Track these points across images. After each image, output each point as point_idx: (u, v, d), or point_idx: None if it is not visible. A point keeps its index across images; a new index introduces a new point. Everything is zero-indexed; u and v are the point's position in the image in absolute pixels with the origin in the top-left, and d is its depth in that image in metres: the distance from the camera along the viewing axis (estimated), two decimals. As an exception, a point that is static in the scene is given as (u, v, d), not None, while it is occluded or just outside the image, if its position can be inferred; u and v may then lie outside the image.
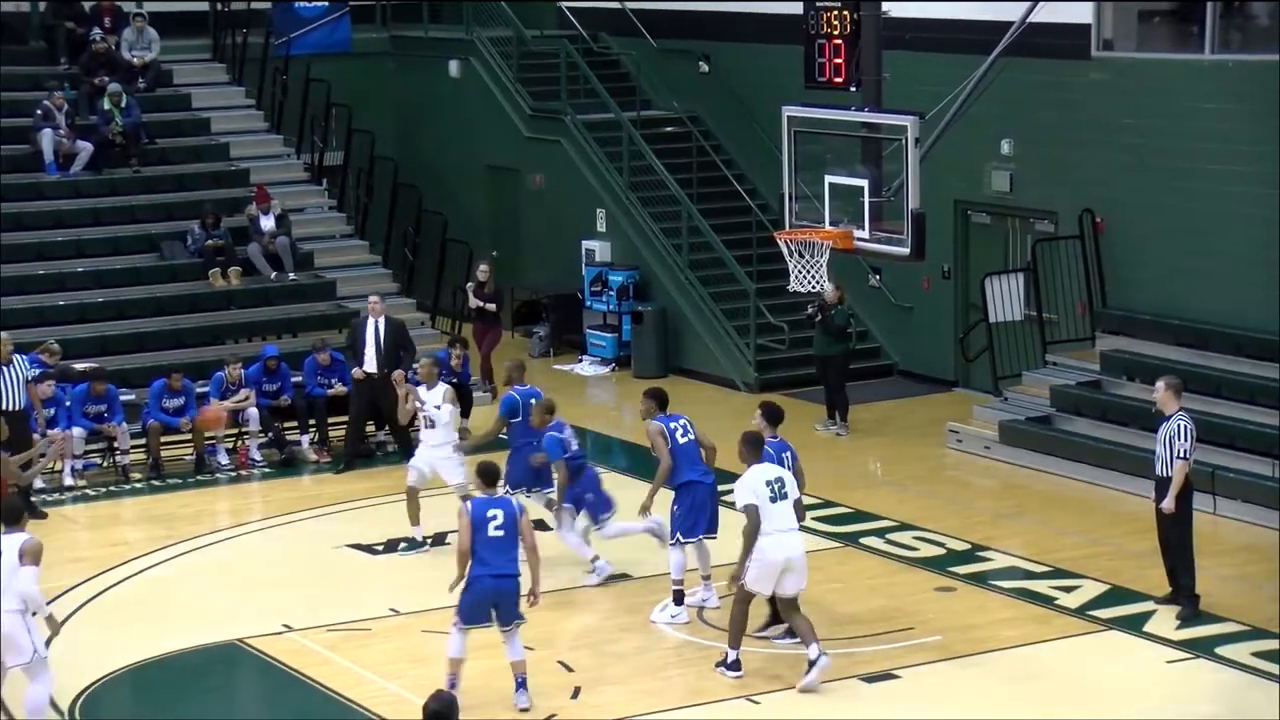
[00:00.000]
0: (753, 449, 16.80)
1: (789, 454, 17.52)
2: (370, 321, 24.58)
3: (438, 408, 21.11)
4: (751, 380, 28.57)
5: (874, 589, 19.51)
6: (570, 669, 17.30)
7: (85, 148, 29.82)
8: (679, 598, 18.43)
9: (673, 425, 18.47)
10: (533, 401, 19.89)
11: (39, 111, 29.82)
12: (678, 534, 18.30)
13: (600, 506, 19.60)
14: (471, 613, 16.10)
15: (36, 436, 22.56)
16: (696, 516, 18.20)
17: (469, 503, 16.28)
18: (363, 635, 18.33)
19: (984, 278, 26.23)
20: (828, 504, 22.28)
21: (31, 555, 15.10)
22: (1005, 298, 26.01)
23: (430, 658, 17.26)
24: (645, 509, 18.61)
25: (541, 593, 16.46)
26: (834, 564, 20.29)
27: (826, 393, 26.26)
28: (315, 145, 32.05)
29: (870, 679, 16.98)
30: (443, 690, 10.57)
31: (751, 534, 16.41)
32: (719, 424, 18.61)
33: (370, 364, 24.41)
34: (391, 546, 21.18)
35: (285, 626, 18.46)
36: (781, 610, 16.99)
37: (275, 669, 17.58)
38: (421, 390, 21.33)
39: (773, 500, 16.47)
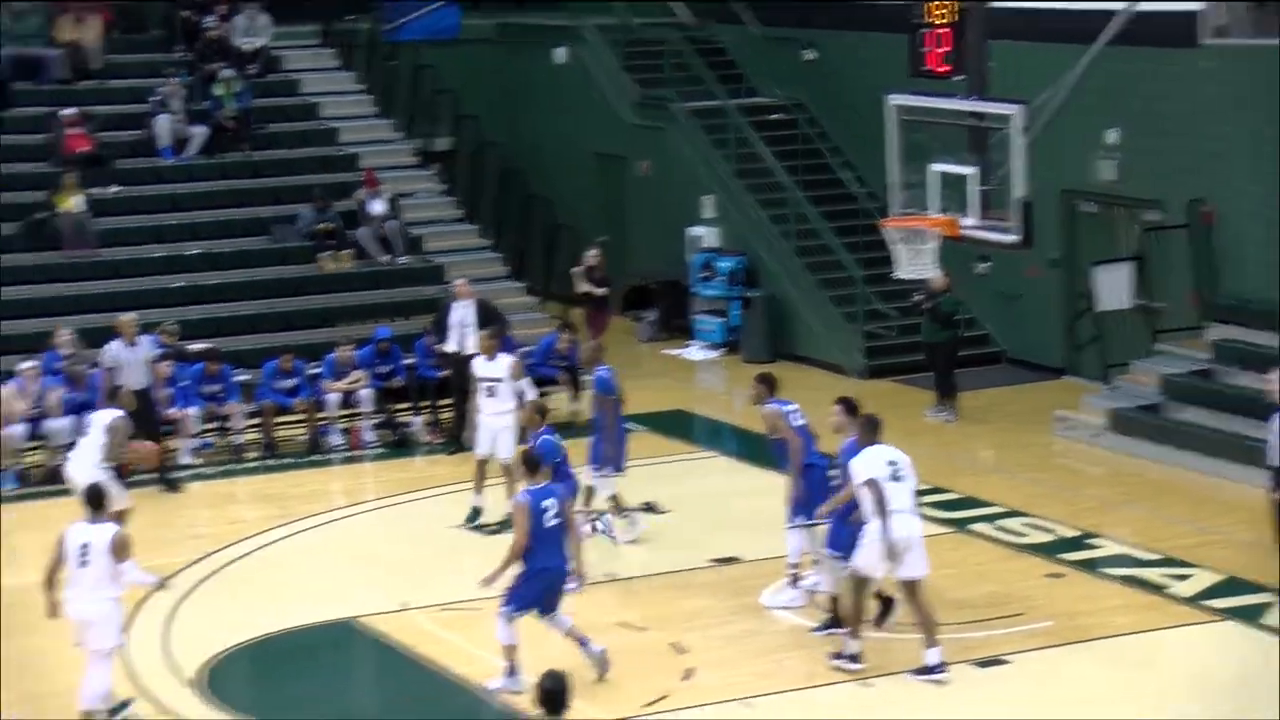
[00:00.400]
0: (870, 431, 16.78)
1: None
2: (459, 304, 24.82)
3: (499, 380, 21.16)
4: (860, 366, 28.60)
5: (984, 574, 19.52)
6: (682, 650, 17.34)
7: (199, 132, 30.18)
8: (795, 581, 18.43)
9: (787, 409, 18.35)
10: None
11: (155, 97, 30.24)
12: (800, 517, 18.17)
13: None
14: (531, 601, 16.21)
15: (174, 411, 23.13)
16: (819, 498, 17.98)
17: (526, 494, 16.20)
18: (475, 615, 18.30)
19: (1092, 266, 26.18)
20: (937, 490, 22.25)
21: (125, 550, 15.37)
22: (1114, 286, 25.93)
23: (542, 637, 17.33)
24: (797, 492, 18.11)
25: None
26: (945, 550, 20.17)
27: (935, 379, 26.30)
28: (424, 131, 32.26)
29: (981, 664, 16.97)
30: (556, 670, 10.65)
31: (875, 509, 16.32)
32: (827, 411, 18.59)
33: (457, 345, 24.62)
34: (505, 527, 21.27)
35: (400, 605, 18.64)
36: (906, 595, 16.76)
37: (388, 647, 17.76)
38: (482, 361, 21.45)
39: (891, 480, 16.40)
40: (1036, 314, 28.33)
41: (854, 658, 16.72)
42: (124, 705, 15.67)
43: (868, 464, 16.45)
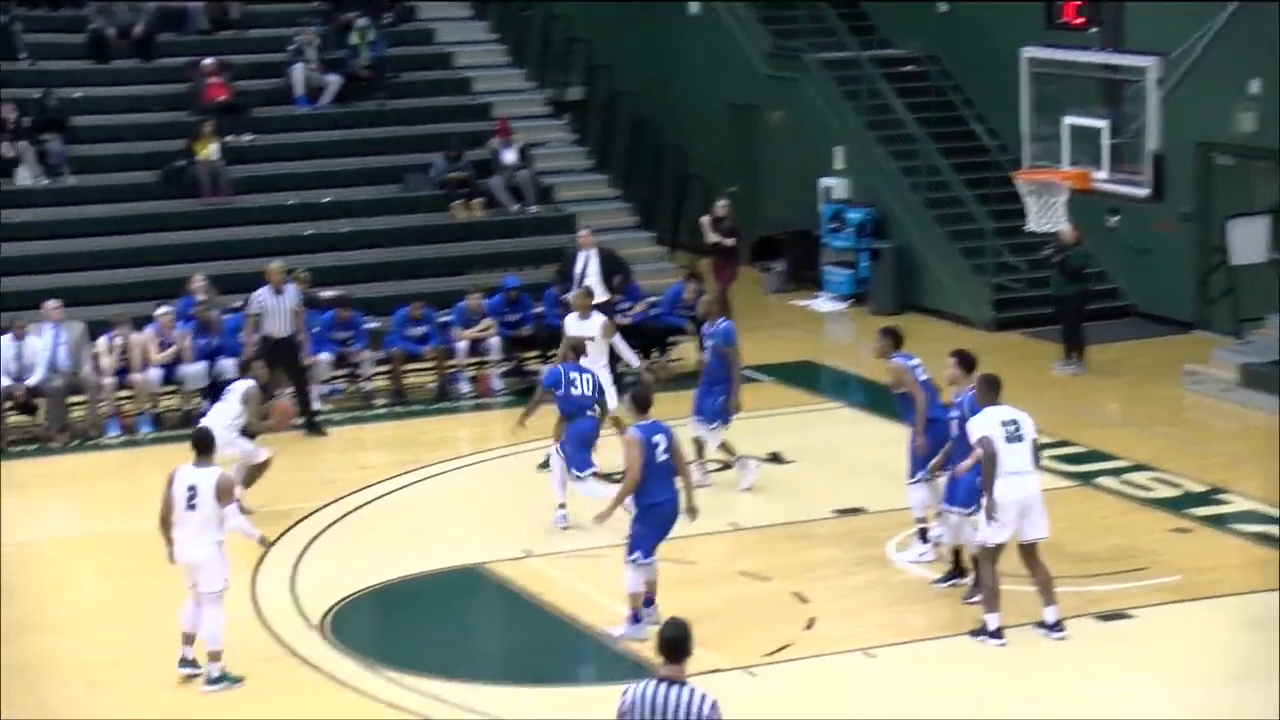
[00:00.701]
0: (990, 390, 16.53)
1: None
2: (582, 254, 24.92)
3: (591, 338, 21.06)
4: (989, 318, 28.51)
5: (1109, 528, 19.40)
6: (805, 600, 17.38)
7: (333, 81, 30.46)
8: (923, 535, 18.34)
9: (912, 363, 18.25)
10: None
11: (291, 47, 30.56)
12: (921, 471, 18.06)
13: (576, 461, 19.42)
14: (655, 540, 16.26)
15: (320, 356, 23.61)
16: (937, 454, 17.82)
17: (636, 430, 16.19)
18: (600, 562, 18.50)
19: (1227, 220, 25.91)
20: (1064, 443, 22.19)
21: (229, 493, 15.49)
22: (1249, 240, 25.67)
23: (666, 584, 17.44)
24: (921, 443, 17.99)
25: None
26: (1070, 503, 20.16)
27: (1063, 332, 26.18)
28: (557, 80, 32.38)
29: (1103, 617, 16.86)
30: (677, 617, 10.65)
31: (990, 464, 16.11)
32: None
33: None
34: (628, 475, 21.48)
35: (524, 552, 18.80)
36: (1023, 555, 16.47)
37: (513, 593, 17.91)
38: (575, 319, 21.46)
39: (1008, 441, 16.15)
40: (1168, 267, 28.12)
41: (996, 633, 16.38)
42: (233, 679, 15.75)
43: (983, 424, 16.24)
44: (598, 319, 21.48)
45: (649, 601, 16.57)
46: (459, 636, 17.47)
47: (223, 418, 19.42)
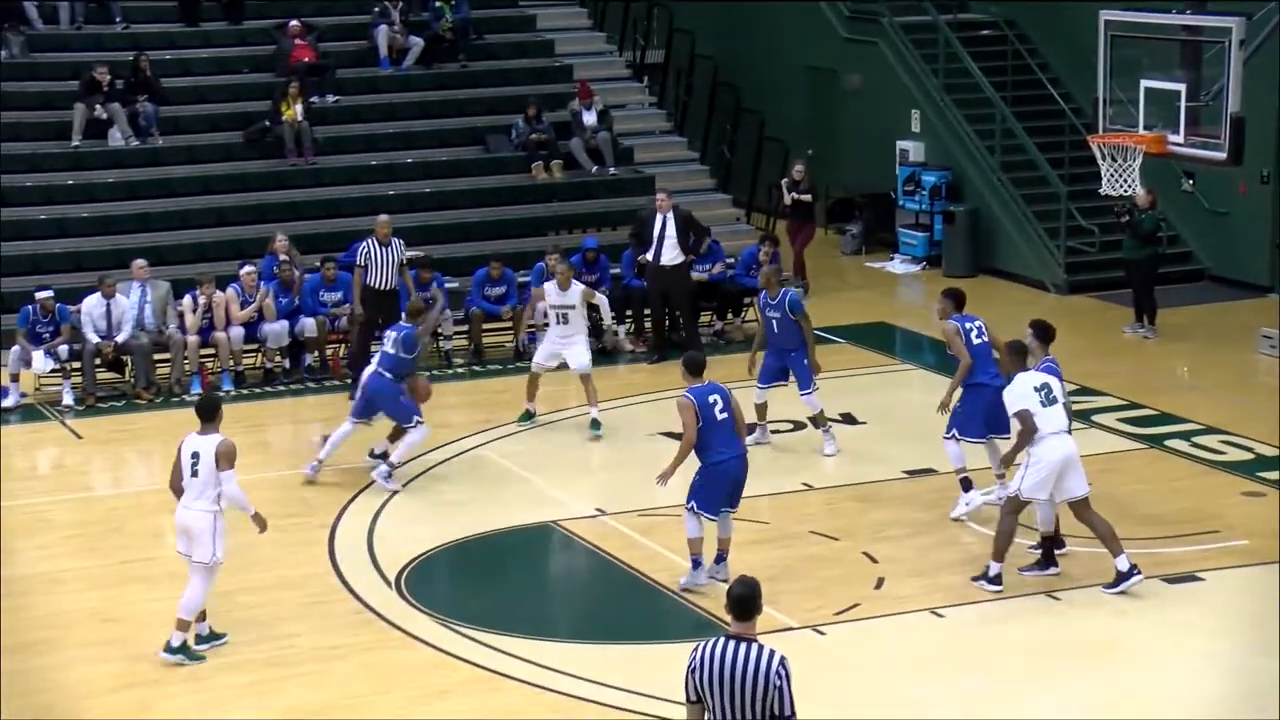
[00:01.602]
0: (1016, 358, 16.76)
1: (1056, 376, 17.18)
2: (659, 216, 25.14)
3: (572, 307, 21.87)
4: (1061, 282, 28.61)
5: (1179, 491, 19.47)
6: (874, 560, 17.56)
7: (416, 43, 30.73)
8: (966, 484, 18.63)
9: (968, 325, 18.50)
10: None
11: (376, 9, 30.83)
12: (954, 430, 18.46)
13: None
14: (716, 500, 16.51)
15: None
16: (984, 417, 18.21)
17: (689, 393, 16.41)
18: (673, 521, 18.52)
19: (1307, 184, 25.92)
20: (1134, 406, 22.32)
21: (227, 459, 15.22)
22: (1327, 203, 25.64)
23: (738, 544, 17.59)
24: (945, 405, 18.65)
25: None
26: (1139, 465, 20.34)
27: (1135, 296, 26.22)
28: (637, 43, 32.59)
29: (1172, 580, 16.96)
30: (747, 575, 10.78)
31: (1027, 436, 16.46)
32: (1026, 326, 18.64)
33: (661, 256, 24.97)
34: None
35: (598, 510, 19.05)
36: (1077, 514, 16.75)
37: (588, 550, 18.17)
38: (553, 289, 22.01)
39: (1043, 405, 16.40)
40: (1244, 231, 28.11)
41: (995, 579, 16.74)
42: (216, 638, 15.83)
43: (1019, 392, 16.50)
44: (577, 288, 22.17)
45: (720, 558, 16.84)
46: (533, 594, 17.70)
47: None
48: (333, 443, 20.15)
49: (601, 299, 23.24)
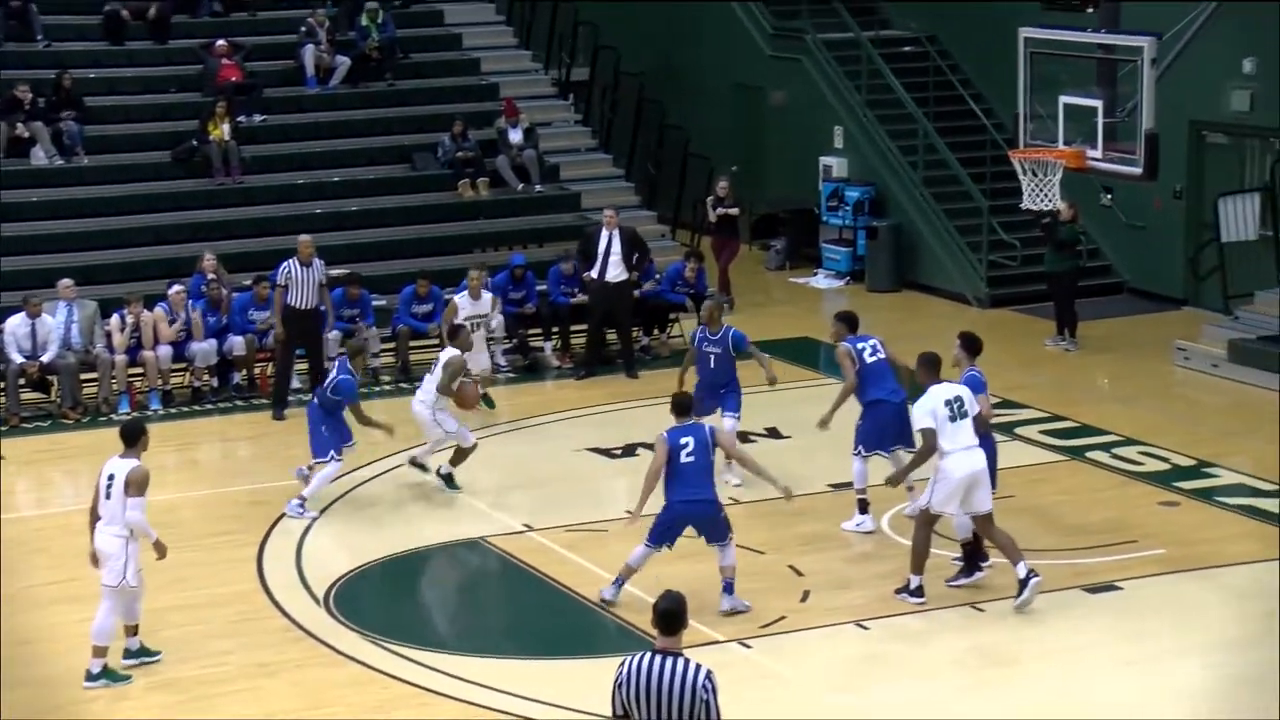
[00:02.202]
0: (929, 369, 16.88)
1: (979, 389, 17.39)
2: (605, 233, 25.29)
3: (484, 315, 23.38)
4: (983, 295, 28.91)
5: (1099, 501, 19.73)
6: (800, 573, 17.71)
7: (343, 62, 30.77)
8: (863, 507, 18.85)
9: (860, 346, 18.75)
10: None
11: (303, 28, 30.86)
12: (859, 446, 18.71)
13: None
14: (660, 533, 16.62)
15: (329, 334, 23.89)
16: (883, 432, 18.44)
17: (666, 432, 16.58)
18: (600, 536, 18.87)
19: (1218, 197, 26.24)
20: (1055, 418, 22.59)
21: (136, 485, 15.15)
22: (1239, 217, 26.00)
23: (664, 559, 17.73)
24: (824, 423, 18.90)
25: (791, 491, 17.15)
26: (1061, 476, 20.57)
27: (1056, 309, 26.51)
28: (563, 61, 32.73)
29: (1093, 589, 17.19)
30: (672, 590, 10.88)
31: (925, 455, 16.76)
32: (948, 340, 18.84)
33: (607, 273, 25.16)
34: (629, 451, 21.84)
35: (525, 526, 19.11)
36: (979, 528, 16.93)
37: (515, 566, 18.22)
38: (465, 299, 23.19)
39: (952, 420, 16.51)
40: (1160, 244, 28.46)
41: (916, 591, 16.92)
42: (149, 654, 15.81)
43: (928, 406, 16.62)
44: (488, 297, 23.57)
45: (725, 588, 16.81)
46: (462, 610, 17.83)
47: (428, 393, 19.87)
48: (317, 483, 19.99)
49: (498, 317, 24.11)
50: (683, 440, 16.41)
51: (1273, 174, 26.12)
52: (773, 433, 22.23)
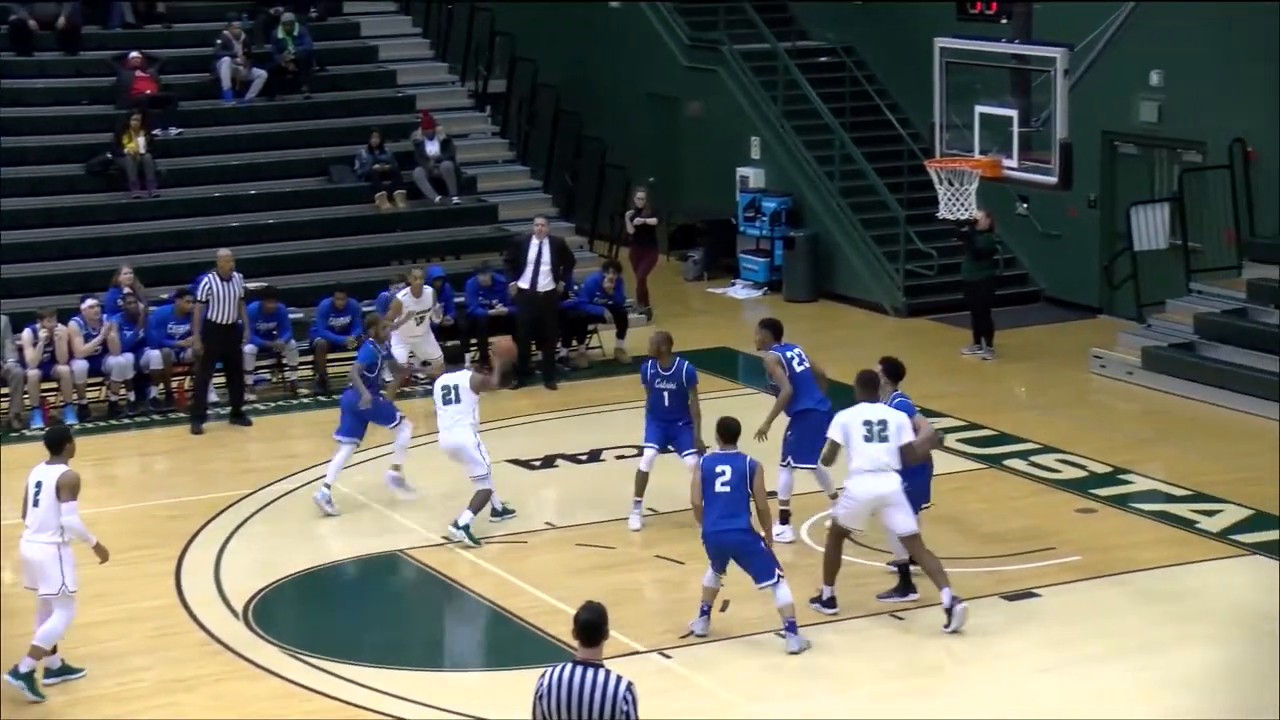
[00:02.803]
0: (863, 388, 16.82)
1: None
2: (535, 242, 25.30)
3: (427, 309, 24.66)
4: (900, 305, 29.05)
5: (1017, 509, 19.86)
6: (721, 583, 17.70)
7: (260, 75, 30.65)
8: (784, 517, 18.86)
9: (789, 354, 18.76)
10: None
11: (218, 41, 30.69)
12: (789, 458, 18.71)
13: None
14: (712, 560, 16.33)
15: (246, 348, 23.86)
16: (813, 443, 18.05)
17: (702, 457, 16.48)
18: (519, 548, 18.92)
19: (1130, 207, 26.48)
20: (972, 426, 22.71)
21: (69, 489, 15.07)
22: (1151, 226, 26.23)
23: (584, 570, 17.90)
24: (762, 433, 18.77)
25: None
26: (979, 485, 20.68)
27: (973, 318, 26.68)
28: (480, 73, 32.72)
29: (1011, 597, 17.32)
30: (593, 601, 10.88)
31: (829, 458, 17.01)
32: (866, 349, 18.98)
33: (538, 283, 25.15)
34: (548, 462, 21.85)
35: (445, 539, 19.07)
36: (907, 548, 16.86)
37: (434, 578, 18.20)
38: (409, 296, 24.40)
39: (867, 439, 16.42)
40: (1075, 254, 28.69)
41: (828, 602, 16.98)
42: (71, 672, 15.72)
43: (844, 420, 16.62)
44: (429, 292, 24.63)
45: (791, 628, 16.31)
46: (382, 622, 17.67)
47: (463, 418, 19.24)
48: (335, 467, 20.18)
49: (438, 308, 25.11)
50: (719, 468, 16.05)
51: (1181, 184, 26.37)
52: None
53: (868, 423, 16.50)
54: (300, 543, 19.23)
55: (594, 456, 22.00)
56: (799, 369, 18.72)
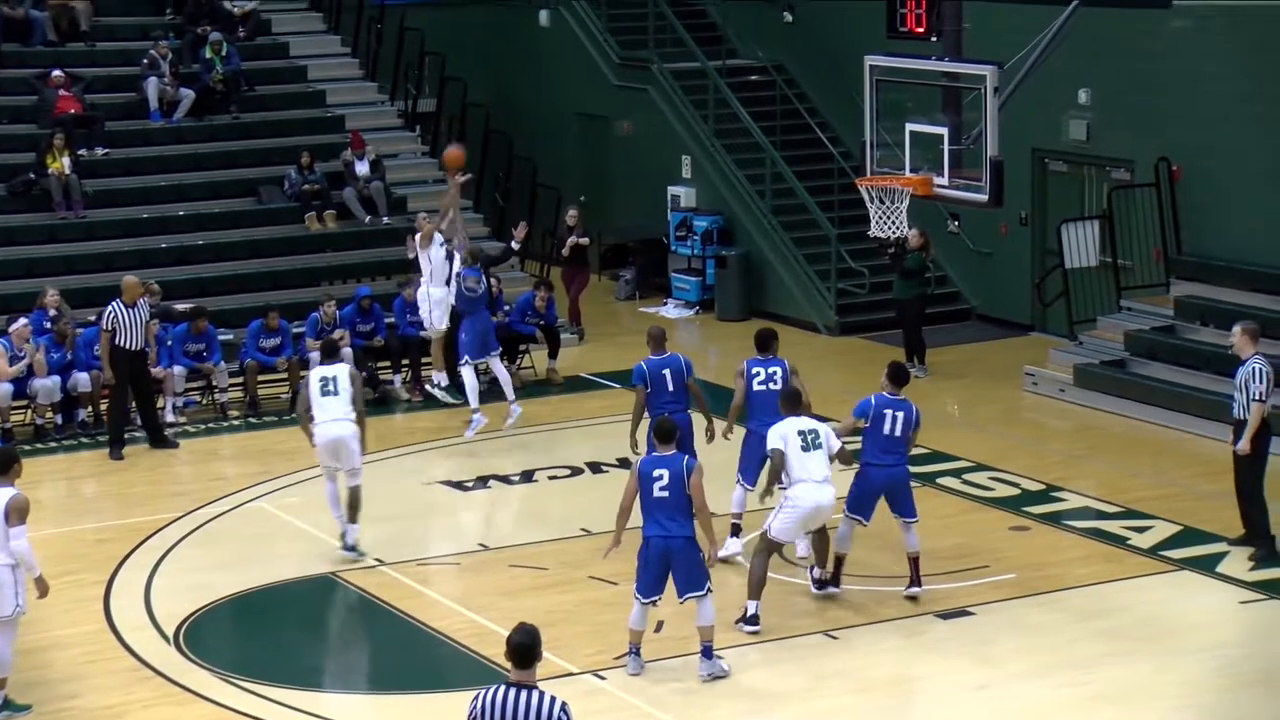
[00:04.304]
0: (787, 403, 17.12)
1: (905, 412, 17.85)
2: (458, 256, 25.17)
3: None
4: (832, 323, 29.08)
5: (950, 527, 19.86)
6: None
7: (187, 95, 30.51)
8: (735, 530, 18.90)
9: (754, 370, 18.63)
10: (665, 372, 19.33)
11: (145, 60, 30.55)
12: (740, 475, 18.75)
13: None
14: (645, 583, 15.79)
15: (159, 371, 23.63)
16: (754, 465, 18.40)
17: (639, 460, 16.18)
18: (452, 569, 18.88)
19: (1060, 224, 26.60)
20: (905, 444, 22.76)
21: (18, 514, 14.87)
22: (1081, 244, 26.37)
23: (517, 591, 17.82)
24: (713, 436, 19.06)
25: (718, 555, 16.38)
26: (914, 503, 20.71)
27: (905, 336, 26.72)
28: (409, 92, 32.64)
29: (945, 615, 17.36)
30: (526, 623, 10.84)
31: (776, 471, 16.85)
32: (799, 367, 18.94)
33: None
34: (481, 483, 21.77)
35: (377, 561, 18.99)
36: (815, 541, 17.34)
37: (367, 601, 18.11)
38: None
39: (804, 449, 16.64)
40: (1006, 271, 28.80)
41: (753, 619, 16.97)
42: (18, 708, 15.50)
43: (778, 435, 16.77)
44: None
45: (704, 651, 16.05)
46: (314, 646, 17.61)
47: (343, 408, 18.99)
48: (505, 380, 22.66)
49: None
50: (656, 472, 15.71)
51: (1110, 202, 26.50)
52: (624, 463, 22.11)
53: (801, 433, 16.70)
54: (231, 566, 19.07)
55: (527, 477, 21.93)
56: (758, 388, 18.53)
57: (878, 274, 28.29)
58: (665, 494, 15.63)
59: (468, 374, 23.14)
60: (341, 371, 19.13)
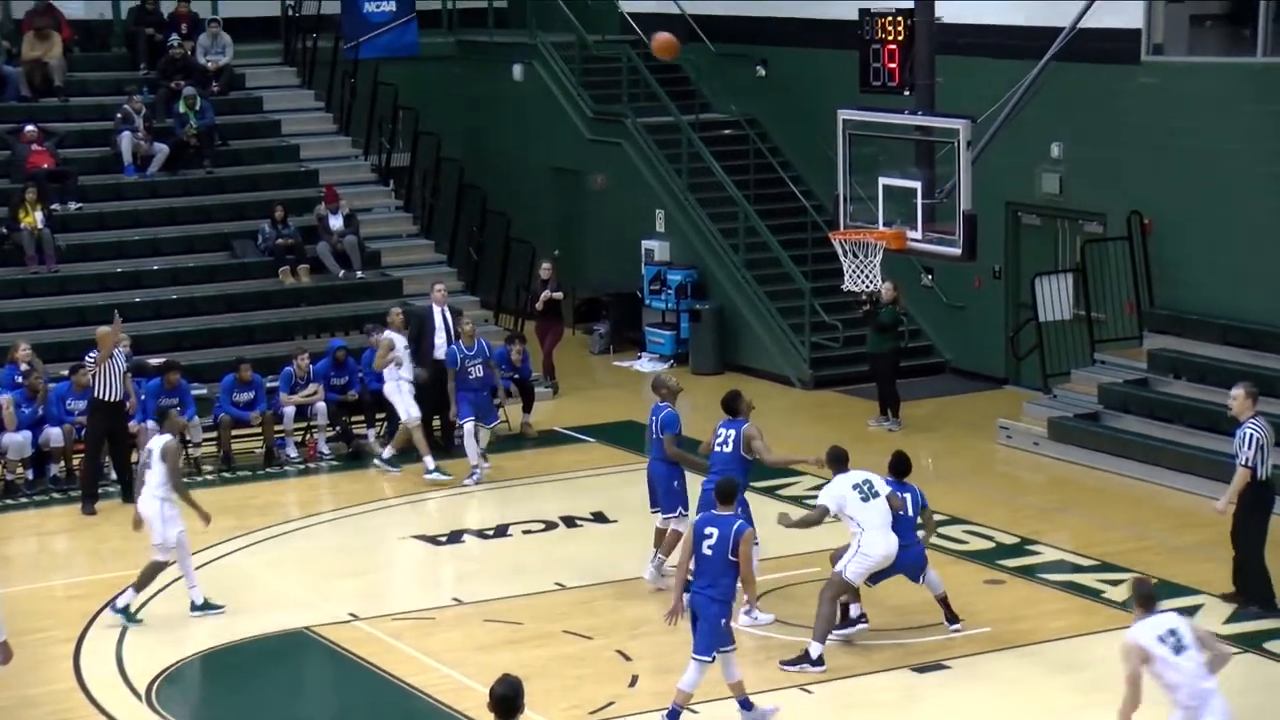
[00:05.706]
0: (835, 463, 17.87)
1: (911, 494, 18.23)
2: (437, 309, 25.25)
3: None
4: (806, 377, 29.07)
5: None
6: (628, 658, 17.66)
7: (161, 149, 30.48)
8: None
9: (721, 431, 18.90)
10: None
11: (119, 115, 30.52)
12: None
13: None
14: (700, 641, 15.72)
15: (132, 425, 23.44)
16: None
17: (696, 519, 16.28)
18: (426, 624, 18.80)
19: (1034, 277, 26.65)
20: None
21: None
22: (1054, 297, 26.44)
23: (492, 646, 17.76)
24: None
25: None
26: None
27: (878, 389, 26.74)
28: (383, 147, 32.65)
29: (921, 669, 17.36)
30: (510, 675, 10.85)
31: (811, 521, 17.66)
32: (773, 420, 18.99)
33: (441, 351, 24.99)
34: (455, 538, 21.73)
35: (351, 615, 18.95)
36: (834, 587, 17.46)
37: (341, 656, 18.03)
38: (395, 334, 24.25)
39: (864, 500, 17.40)
40: (980, 324, 28.84)
41: (818, 660, 17.23)
42: None
43: (832, 494, 17.58)
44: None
45: (745, 704, 16.04)
46: (287, 701, 17.57)
47: (153, 484, 18.95)
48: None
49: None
50: (707, 529, 15.75)
51: (1083, 255, 26.58)
52: (599, 517, 22.20)
53: (856, 485, 17.57)
54: (205, 621, 18.99)
55: (501, 531, 21.89)
56: (717, 449, 18.78)
57: (851, 327, 28.31)
58: (709, 553, 15.64)
59: (468, 431, 23.43)
60: (157, 445, 19.17)
